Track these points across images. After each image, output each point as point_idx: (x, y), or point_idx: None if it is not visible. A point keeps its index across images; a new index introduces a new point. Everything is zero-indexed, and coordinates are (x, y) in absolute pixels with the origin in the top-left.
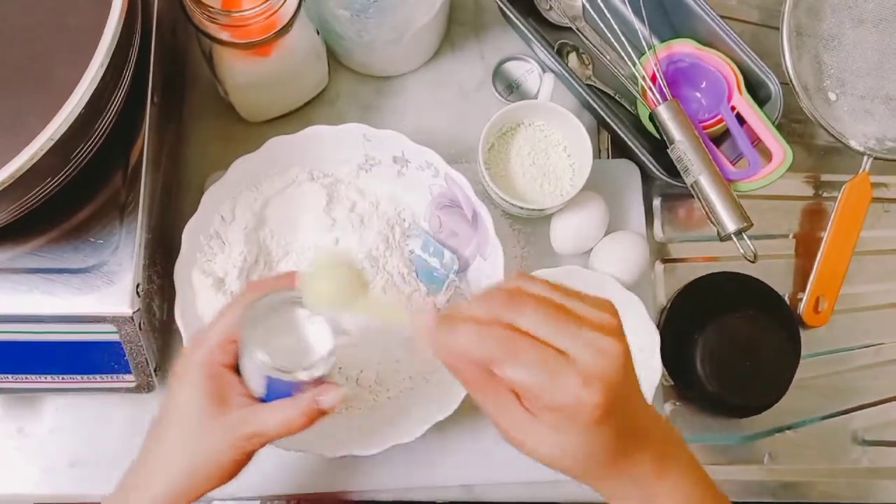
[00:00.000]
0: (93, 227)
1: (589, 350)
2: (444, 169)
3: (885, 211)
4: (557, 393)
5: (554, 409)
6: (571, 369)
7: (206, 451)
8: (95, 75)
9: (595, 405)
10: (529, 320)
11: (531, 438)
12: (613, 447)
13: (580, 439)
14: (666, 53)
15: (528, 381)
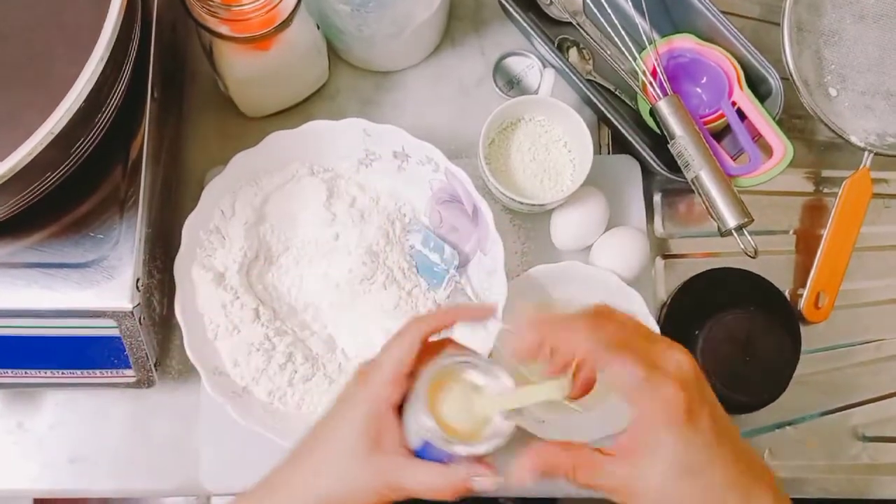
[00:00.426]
0: (93, 221)
1: (668, 360)
2: (444, 164)
3: (886, 207)
4: (651, 390)
5: (647, 420)
6: (660, 371)
7: (348, 489)
8: (95, 70)
9: (684, 399)
10: (616, 335)
11: (638, 474)
12: (722, 466)
13: (678, 447)
14: (666, 48)
15: (628, 379)
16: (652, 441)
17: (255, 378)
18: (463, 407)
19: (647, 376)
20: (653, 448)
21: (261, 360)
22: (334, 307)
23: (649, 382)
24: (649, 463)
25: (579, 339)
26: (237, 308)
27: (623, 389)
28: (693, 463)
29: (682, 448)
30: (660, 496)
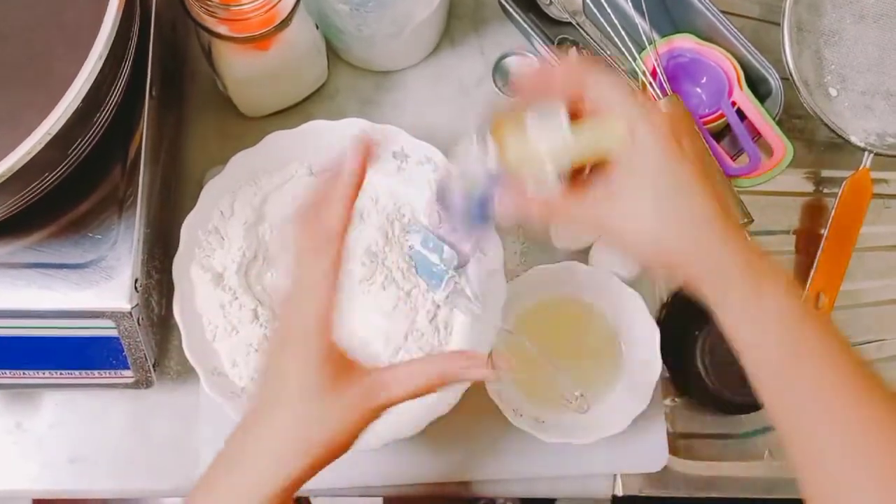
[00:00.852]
0: (91, 221)
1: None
2: (443, 164)
3: (886, 207)
4: (642, 114)
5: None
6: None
7: (331, 431)
8: (93, 69)
9: (672, 125)
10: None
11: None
12: (704, 195)
13: (663, 175)
14: (666, 48)
15: (610, 93)
16: (641, 162)
17: (253, 378)
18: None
19: (640, 101)
20: (642, 169)
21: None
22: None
23: (641, 107)
24: (638, 184)
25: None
26: (236, 308)
27: (616, 107)
28: (681, 184)
29: (673, 167)
30: (651, 214)
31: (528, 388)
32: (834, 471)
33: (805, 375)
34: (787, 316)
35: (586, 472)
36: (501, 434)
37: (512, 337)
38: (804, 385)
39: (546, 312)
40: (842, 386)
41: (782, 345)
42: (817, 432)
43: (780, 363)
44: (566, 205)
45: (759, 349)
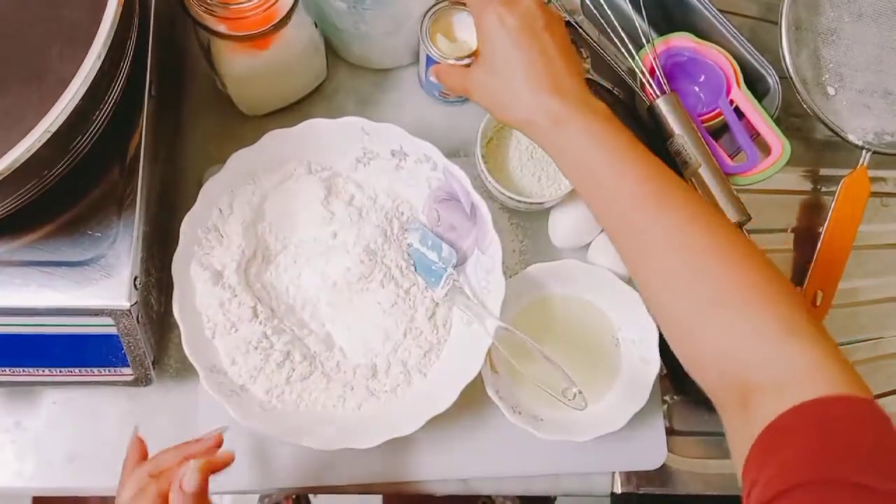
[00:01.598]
0: (90, 220)
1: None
2: (442, 162)
3: (884, 205)
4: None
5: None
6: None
7: None
8: (92, 67)
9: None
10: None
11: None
12: (523, 64)
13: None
14: (664, 47)
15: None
16: (483, 48)
17: (252, 376)
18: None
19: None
20: (483, 53)
21: (258, 358)
22: (332, 305)
23: (478, 6)
24: (482, 63)
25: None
26: (235, 306)
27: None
28: (508, 61)
29: (486, 38)
30: (488, 83)
31: (526, 386)
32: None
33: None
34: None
35: (585, 469)
36: (500, 432)
37: (510, 334)
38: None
39: (544, 310)
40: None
41: (578, 166)
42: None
43: (580, 177)
44: (458, 73)
45: (567, 171)
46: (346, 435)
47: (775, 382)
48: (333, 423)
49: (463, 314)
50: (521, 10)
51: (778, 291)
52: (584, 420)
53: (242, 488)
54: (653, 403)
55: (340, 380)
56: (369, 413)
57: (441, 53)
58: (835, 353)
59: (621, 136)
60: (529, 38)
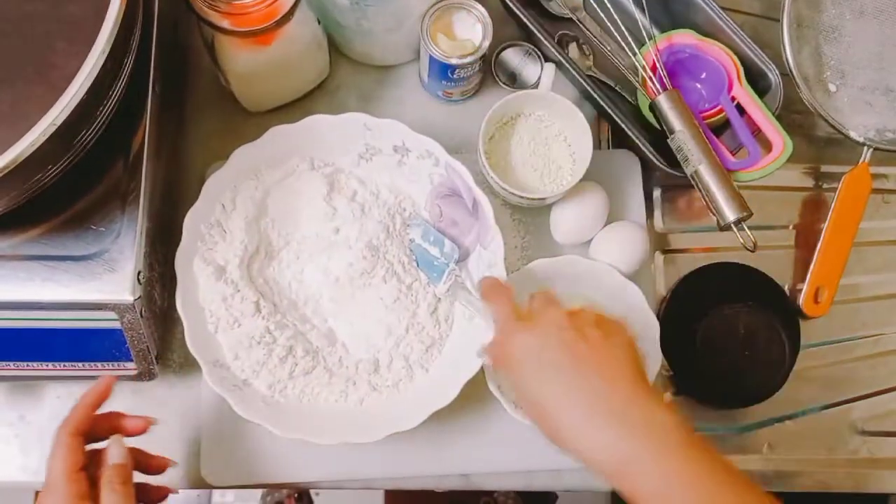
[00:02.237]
0: (94, 214)
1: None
2: (444, 158)
3: (885, 202)
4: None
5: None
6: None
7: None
8: (96, 63)
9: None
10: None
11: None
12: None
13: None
14: (666, 44)
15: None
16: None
17: (255, 371)
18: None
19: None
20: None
21: (261, 353)
22: (334, 301)
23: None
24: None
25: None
26: (238, 301)
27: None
28: (531, 393)
29: (513, 371)
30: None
31: None
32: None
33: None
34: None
35: None
36: (501, 427)
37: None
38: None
39: None
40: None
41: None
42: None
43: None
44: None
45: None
46: (348, 430)
47: None
48: (335, 418)
49: (465, 310)
50: (543, 327)
51: None
52: None
53: (250, 482)
54: None
55: (343, 375)
56: (371, 408)
57: (442, 52)
58: None
59: (699, 467)
60: (559, 357)
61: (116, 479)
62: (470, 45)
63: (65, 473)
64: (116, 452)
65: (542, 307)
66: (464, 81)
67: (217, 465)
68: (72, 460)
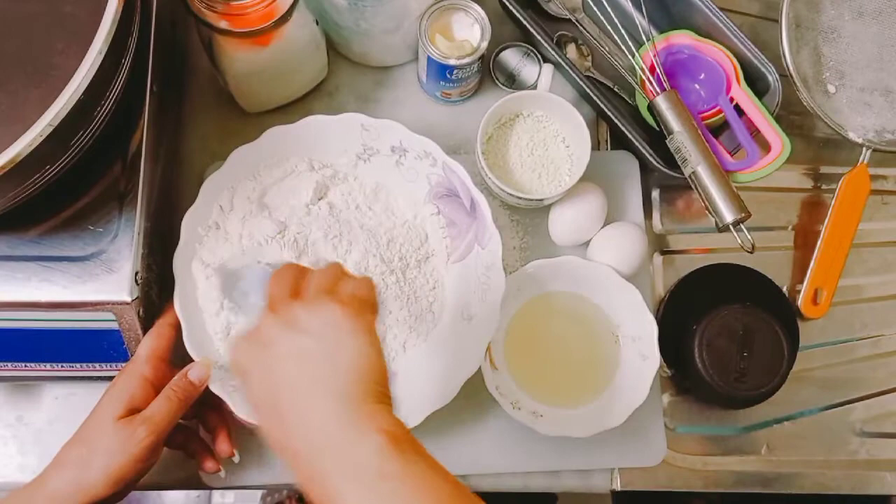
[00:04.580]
0: (92, 215)
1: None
2: (442, 158)
3: (884, 203)
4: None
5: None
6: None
7: (121, 457)
8: (94, 63)
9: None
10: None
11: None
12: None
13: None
14: (665, 45)
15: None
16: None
17: None
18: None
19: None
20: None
21: None
22: None
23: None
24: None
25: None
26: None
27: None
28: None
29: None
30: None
31: (526, 382)
32: None
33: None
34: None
35: (584, 466)
36: (499, 428)
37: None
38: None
39: (544, 307)
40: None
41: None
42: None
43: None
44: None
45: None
46: None
47: None
48: None
49: (464, 310)
50: (245, 342)
51: None
52: (584, 416)
53: (245, 484)
54: (652, 400)
55: None
56: None
57: (440, 53)
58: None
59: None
60: (250, 385)
61: (180, 391)
62: (468, 46)
63: (145, 354)
64: (197, 373)
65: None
66: (462, 82)
67: None
68: (157, 344)
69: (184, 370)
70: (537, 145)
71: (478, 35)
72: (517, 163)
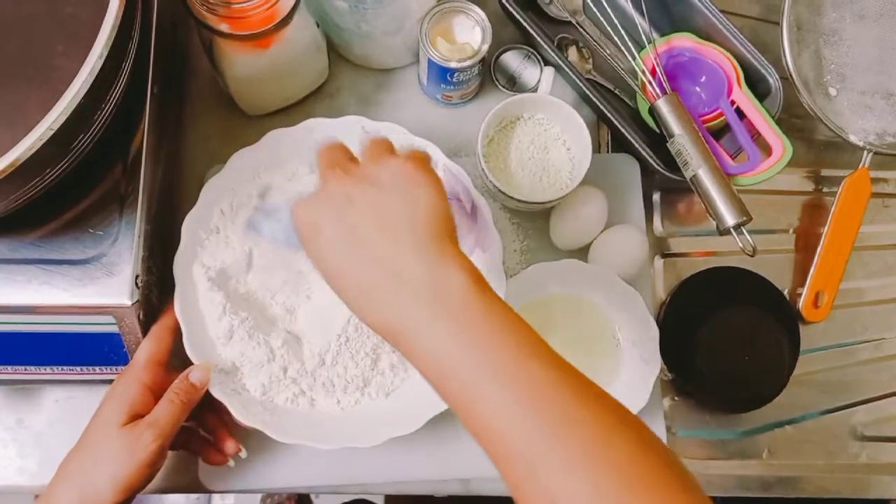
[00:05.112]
0: (92, 218)
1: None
2: (442, 161)
3: (885, 206)
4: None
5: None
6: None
7: (127, 462)
8: (94, 66)
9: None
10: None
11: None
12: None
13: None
14: (666, 47)
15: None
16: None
17: (254, 376)
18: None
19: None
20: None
21: (260, 358)
22: (333, 305)
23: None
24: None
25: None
26: (236, 306)
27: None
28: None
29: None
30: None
31: None
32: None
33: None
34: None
35: None
36: None
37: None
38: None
39: (546, 310)
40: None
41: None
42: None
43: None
44: None
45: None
46: (347, 434)
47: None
48: (334, 422)
49: None
50: (324, 191)
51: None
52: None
53: (245, 488)
54: (653, 404)
55: (342, 379)
56: (370, 412)
57: (441, 56)
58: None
59: (482, 338)
60: (336, 228)
61: (182, 394)
62: (469, 49)
63: (143, 360)
64: (198, 375)
65: (337, 169)
66: (463, 85)
67: (214, 468)
68: (156, 350)
69: (184, 373)
70: (538, 148)
71: (479, 38)
72: (518, 166)
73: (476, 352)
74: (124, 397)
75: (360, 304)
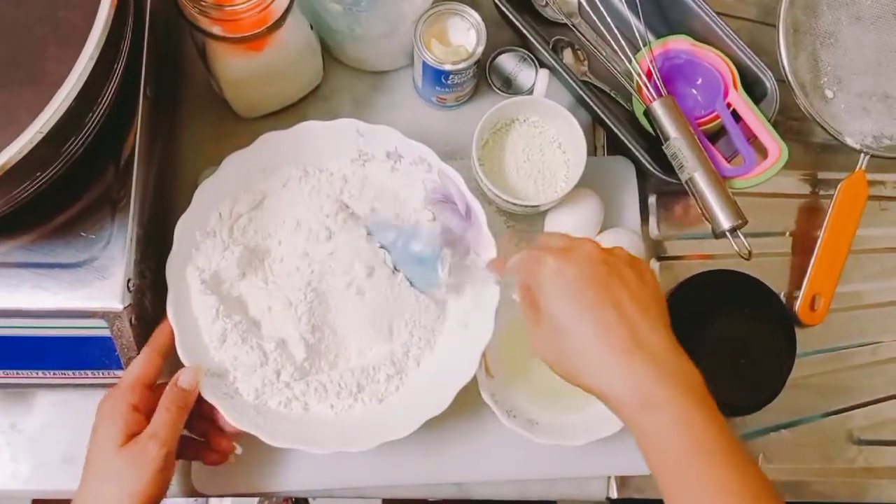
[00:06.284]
0: (84, 221)
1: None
2: (437, 164)
3: (882, 209)
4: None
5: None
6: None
7: (134, 482)
8: (85, 68)
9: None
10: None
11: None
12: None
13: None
14: (662, 50)
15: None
16: (538, 293)
17: (247, 380)
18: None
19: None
20: (540, 301)
21: (253, 362)
22: (326, 308)
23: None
24: (542, 318)
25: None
26: (229, 310)
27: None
28: (560, 316)
29: (544, 294)
30: (546, 345)
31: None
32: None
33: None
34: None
35: (580, 473)
36: (495, 435)
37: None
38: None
39: None
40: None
41: (660, 452)
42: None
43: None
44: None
45: (647, 453)
46: (341, 438)
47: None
48: (328, 427)
49: (460, 317)
50: (578, 258)
51: None
52: (580, 424)
53: (240, 491)
54: None
55: (335, 383)
56: (363, 416)
57: (435, 58)
58: None
59: (717, 428)
60: (596, 290)
61: (177, 400)
62: (464, 51)
63: (130, 382)
64: (188, 378)
65: (571, 240)
66: (458, 87)
67: (208, 473)
68: (143, 372)
69: (173, 380)
70: (533, 151)
71: (473, 40)
72: (513, 168)
73: (716, 436)
74: (117, 420)
75: (593, 368)
